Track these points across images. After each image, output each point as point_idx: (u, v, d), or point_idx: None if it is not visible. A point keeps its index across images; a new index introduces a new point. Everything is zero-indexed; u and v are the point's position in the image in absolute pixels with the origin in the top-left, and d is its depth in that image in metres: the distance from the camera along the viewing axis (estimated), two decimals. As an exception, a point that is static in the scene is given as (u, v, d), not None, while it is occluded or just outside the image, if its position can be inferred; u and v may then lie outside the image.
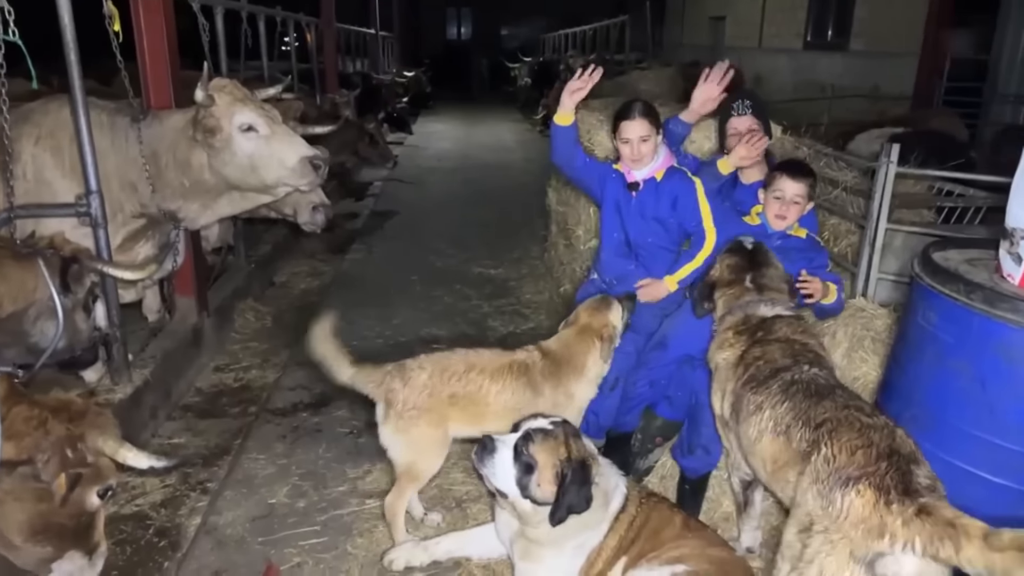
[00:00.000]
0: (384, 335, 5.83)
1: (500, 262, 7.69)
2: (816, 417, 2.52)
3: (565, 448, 2.74)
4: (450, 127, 18.99)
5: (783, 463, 2.62)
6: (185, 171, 4.39)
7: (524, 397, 3.34)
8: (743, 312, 3.11)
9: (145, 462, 2.68)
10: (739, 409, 2.90)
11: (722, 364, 3.07)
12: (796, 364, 2.78)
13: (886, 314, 3.74)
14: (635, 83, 11.88)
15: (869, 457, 2.28)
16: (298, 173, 4.24)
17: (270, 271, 7.37)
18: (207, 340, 5.52)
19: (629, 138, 3.66)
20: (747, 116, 3.78)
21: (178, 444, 4.43)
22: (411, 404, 3.28)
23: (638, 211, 3.80)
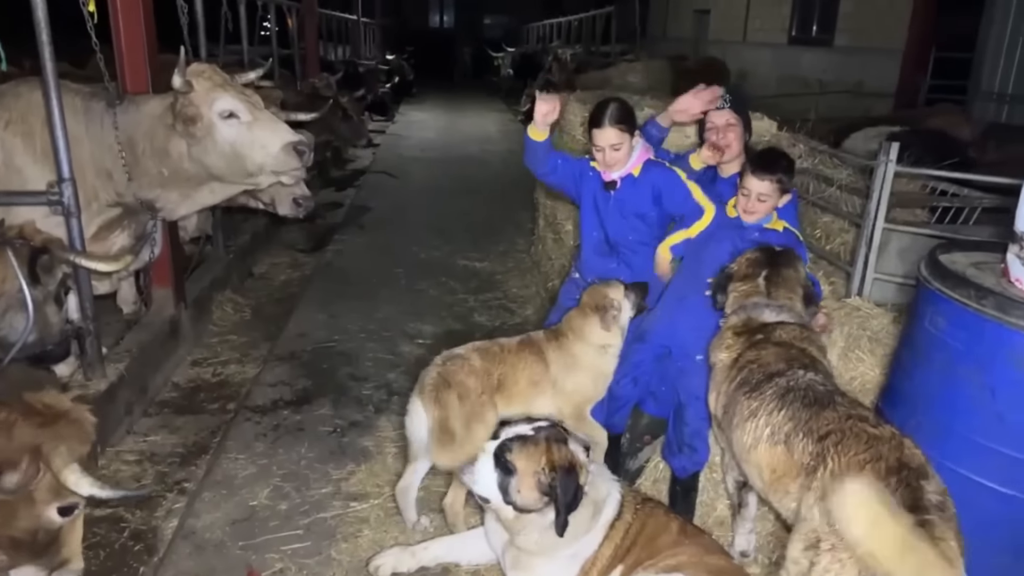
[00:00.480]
0: (367, 329, 5.70)
1: (486, 255, 7.57)
2: (819, 428, 2.45)
3: (546, 454, 2.65)
4: (433, 116, 18.78)
5: (782, 473, 2.55)
6: (163, 160, 4.22)
7: (538, 370, 3.52)
8: (746, 314, 3.04)
9: (86, 489, 2.36)
10: (732, 413, 2.82)
11: (719, 365, 3.01)
12: (791, 369, 2.70)
13: (883, 314, 3.69)
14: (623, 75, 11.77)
15: (878, 472, 2.21)
16: (282, 160, 4.09)
17: (249, 262, 7.20)
18: (184, 333, 5.36)
19: (600, 146, 3.59)
20: (725, 111, 3.70)
21: (154, 441, 4.28)
22: (479, 389, 3.31)
23: (617, 209, 3.73)
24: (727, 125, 3.70)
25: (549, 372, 3.52)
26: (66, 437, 2.40)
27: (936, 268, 2.60)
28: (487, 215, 9.16)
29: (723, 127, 3.70)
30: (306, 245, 8.07)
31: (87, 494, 2.37)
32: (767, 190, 3.37)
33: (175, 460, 4.11)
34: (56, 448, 2.35)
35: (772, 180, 3.36)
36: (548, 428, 2.78)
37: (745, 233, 3.46)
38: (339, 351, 5.34)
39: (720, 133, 3.70)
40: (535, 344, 3.59)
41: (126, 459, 4.08)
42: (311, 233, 8.43)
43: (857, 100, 12.79)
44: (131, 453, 4.15)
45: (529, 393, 3.49)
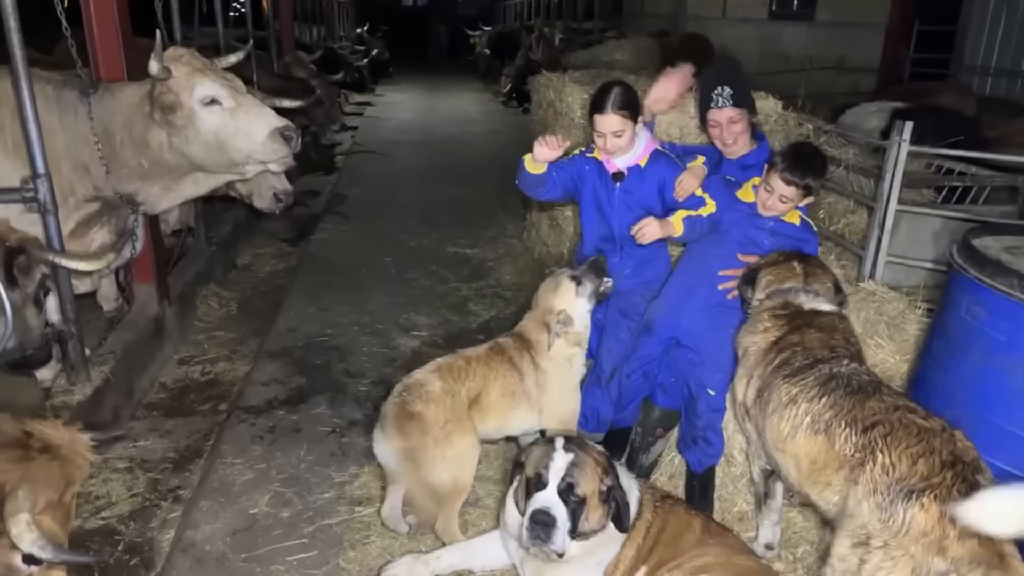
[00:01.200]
0: (360, 322, 5.52)
1: (476, 241, 7.39)
2: (865, 418, 2.35)
3: (597, 464, 2.55)
4: (410, 97, 18.44)
5: (823, 464, 2.45)
6: (143, 151, 4.00)
7: (513, 379, 3.37)
8: (783, 298, 2.94)
9: (27, 546, 1.96)
10: (767, 398, 2.71)
11: (752, 349, 2.89)
12: (836, 357, 2.60)
13: (898, 297, 3.60)
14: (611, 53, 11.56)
15: (932, 466, 2.12)
16: (269, 148, 3.90)
17: (232, 253, 6.97)
18: (170, 331, 5.15)
19: (602, 132, 3.47)
20: (726, 109, 3.54)
21: (144, 447, 4.10)
22: (443, 418, 3.12)
23: (623, 202, 3.61)
24: (730, 122, 3.55)
25: (524, 383, 3.38)
26: (36, 478, 2.08)
27: (971, 254, 2.50)
28: (474, 199, 8.97)
29: (726, 124, 3.56)
30: (290, 234, 7.84)
31: (27, 551, 1.98)
32: (791, 194, 3.29)
33: (167, 466, 3.94)
34: (16, 490, 2.00)
35: (799, 185, 3.28)
36: (570, 439, 2.65)
37: (759, 222, 3.36)
38: (332, 346, 5.16)
39: (725, 130, 3.56)
40: (505, 353, 3.43)
41: (116, 467, 3.90)
42: (295, 222, 8.19)
43: (841, 75, 12.71)
44: (121, 460, 3.97)
45: (504, 405, 3.35)
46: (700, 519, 2.85)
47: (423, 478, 3.13)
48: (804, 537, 3.19)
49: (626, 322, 3.55)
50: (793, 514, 3.18)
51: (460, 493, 3.21)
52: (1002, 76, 10.76)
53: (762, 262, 3.16)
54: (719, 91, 3.54)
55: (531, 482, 2.54)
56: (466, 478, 3.21)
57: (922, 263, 3.98)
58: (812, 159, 3.35)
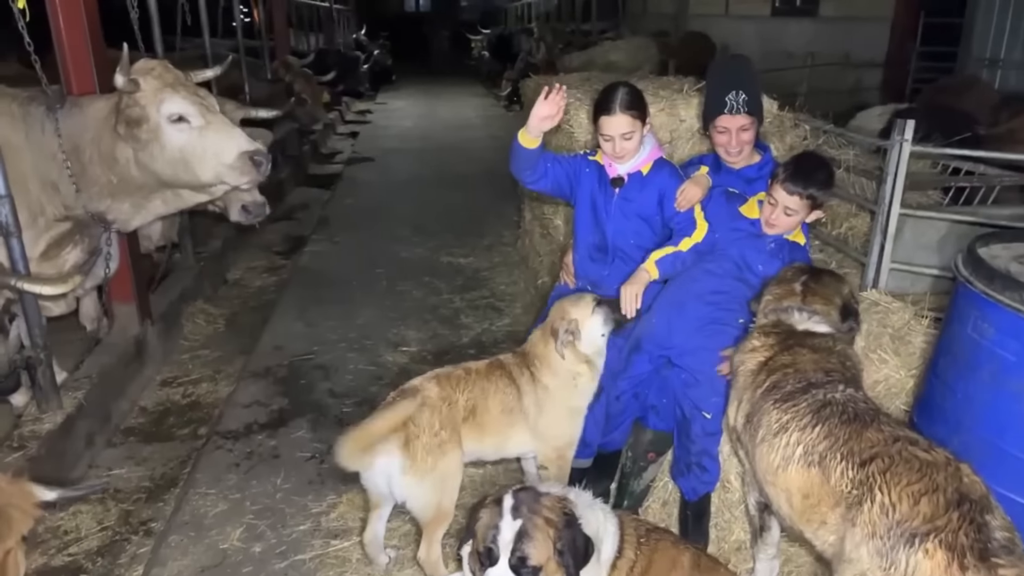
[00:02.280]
0: (348, 338, 5.35)
1: (470, 250, 7.22)
2: (861, 450, 2.14)
3: (549, 525, 2.29)
4: (411, 103, 18.32)
5: (817, 500, 2.25)
6: (111, 166, 3.86)
7: (511, 396, 3.21)
8: (776, 316, 2.75)
9: None
10: (756, 424, 2.51)
11: (741, 369, 2.69)
12: (830, 381, 2.40)
13: (903, 307, 3.37)
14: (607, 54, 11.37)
15: (936, 506, 1.91)
16: (237, 170, 3.73)
17: (222, 268, 6.83)
18: (151, 351, 5.00)
19: (610, 135, 3.23)
20: (740, 115, 3.25)
21: (119, 476, 3.94)
22: (436, 425, 2.94)
23: (620, 210, 3.37)
24: (740, 130, 3.27)
25: (522, 401, 3.19)
26: None
27: (978, 266, 2.29)
28: (470, 207, 8.80)
29: (736, 131, 3.27)
30: (283, 247, 7.70)
31: None
32: (796, 205, 3.06)
33: (141, 496, 3.78)
34: None
35: (803, 196, 3.05)
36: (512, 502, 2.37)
37: (761, 242, 3.15)
38: (317, 364, 5.00)
39: (734, 138, 3.27)
40: (505, 368, 3.26)
41: (87, 498, 3.74)
42: (288, 234, 8.06)
43: (845, 72, 12.48)
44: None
45: (502, 422, 3.16)
46: (690, 553, 2.65)
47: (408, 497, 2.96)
48: (803, 573, 2.98)
49: (613, 340, 3.33)
50: (794, 549, 2.97)
51: (443, 519, 3.03)
52: (1011, 69, 10.49)
53: (772, 279, 2.96)
54: (734, 95, 3.25)
55: (482, 556, 2.33)
56: (449, 501, 3.03)
57: (929, 269, 3.76)
58: (816, 169, 3.12)
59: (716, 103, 3.30)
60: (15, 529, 2.10)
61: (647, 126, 3.30)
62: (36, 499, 2.20)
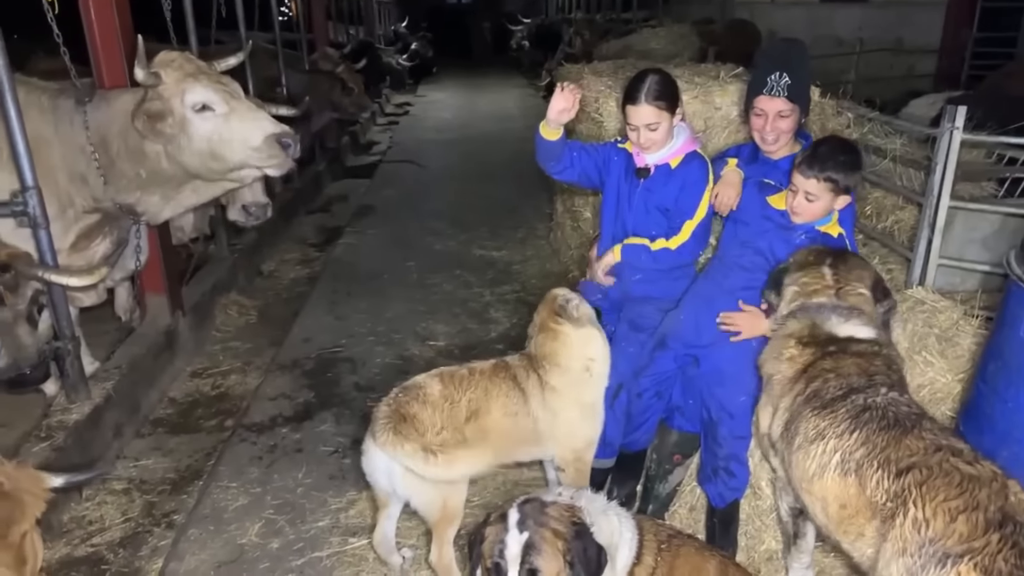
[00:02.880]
0: (376, 331, 5.31)
1: (503, 243, 7.13)
2: (899, 459, 1.99)
3: (557, 537, 2.19)
4: (451, 95, 18.29)
5: (854, 510, 2.10)
6: (140, 161, 3.85)
7: (516, 400, 3.07)
8: (810, 318, 2.55)
9: None
10: (794, 431, 2.36)
11: (777, 377, 2.53)
12: (872, 385, 2.24)
13: (951, 306, 3.17)
14: (646, 42, 11.12)
15: (974, 526, 1.76)
16: (265, 154, 3.68)
17: (257, 260, 6.85)
18: (182, 343, 5.03)
19: (635, 125, 3.12)
20: (779, 99, 3.06)
21: (145, 467, 3.96)
22: (439, 423, 2.86)
23: (642, 200, 3.26)
24: (778, 115, 3.08)
25: (528, 405, 3.05)
26: None
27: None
28: (505, 198, 8.70)
29: (773, 116, 3.08)
30: (317, 239, 7.72)
31: None
32: (815, 190, 2.87)
33: (166, 488, 3.79)
34: None
35: (820, 179, 2.85)
36: (518, 516, 2.27)
37: (790, 235, 2.97)
38: (345, 357, 4.97)
39: (769, 124, 3.09)
40: (510, 370, 3.12)
41: (113, 488, 3.77)
42: (323, 226, 8.08)
43: (897, 58, 12.01)
44: (119, 481, 3.84)
45: (505, 426, 3.02)
46: (716, 561, 2.51)
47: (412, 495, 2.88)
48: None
49: (636, 335, 3.22)
50: (828, 560, 2.81)
51: (452, 519, 2.92)
52: (1076, 54, 9.97)
53: (790, 262, 2.77)
54: (775, 77, 3.07)
55: (490, 572, 2.23)
56: (455, 501, 2.91)
57: (980, 266, 3.53)
58: (835, 151, 2.90)
59: (757, 83, 3.14)
60: (28, 513, 2.11)
61: (678, 116, 3.16)
62: (44, 484, 2.21)
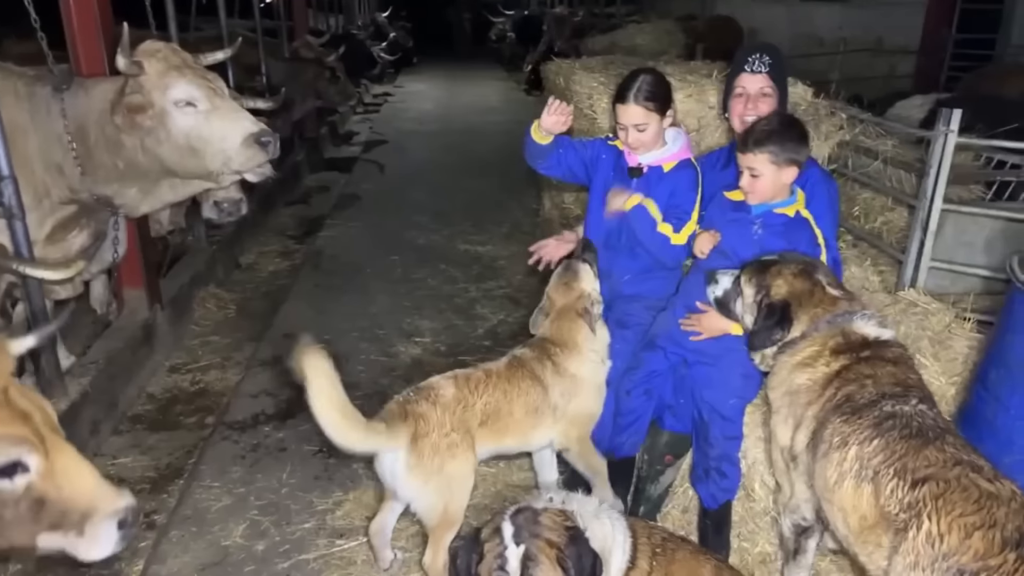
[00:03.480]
0: (360, 327, 5.23)
1: (488, 237, 7.07)
2: (916, 469, 1.95)
3: (551, 546, 2.14)
4: (431, 86, 18.13)
5: (873, 521, 2.06)
6: (117, 151, 3.73)
7: (537, 393, 3.06)
8: (839, 326, 2.47)
9: None
10: (819, 438, 2.30)
11: (804, 386, 2.44)
12: (905, 395, 2.19)
13: (943, 309, 3.19)
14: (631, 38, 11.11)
15: (991, 544, 1.72)
16: (244, 155, 3.58)
17: (236, 252, 6.72)
18: (160, 337, 4.91)
19: (624, 124, 3.10)
20: (761, 75, 3.06)
21: (124, 465, 3.86)
22: (447, 426, 2.81)
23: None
24: (760, 94, 3.07)
25: (549, 397, 3.04)
26: None
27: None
28: (489, 192, 8.62)
29: (755, 95, 3.06)
30: (297, 231, 7.59)
31: None
32: (754, 163, 2.79)
33: (145, 487, 3.68)
34: None
35: (756, 152, 2.77)
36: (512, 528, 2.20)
37: (748, 228, 2.91)
38: (328, 353, 4.86)
39: (750, 103, 3.07)
40: (526, 365, 3.09)
41: (90, 488, 3.65)
42: (303, 218, 7.95)
43: (878, 58, 12.10)
44: (97, 479, 3.72)
45: (527, 424, 3.02)
46: (711, 565, 2.48)
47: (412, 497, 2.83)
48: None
49: (622, 332, 3.21)
50: (825, 563, 2.80)
51: (451, 524, 2.89)
52: (1052, 57, 10.12)
53: (786, 294, 2.61)
54: (756, 56, 3.09)
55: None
56: (457, 506, 2.88)
57: (971, 269, 3.55)
58: (770, 123, 2.84)
59: (737, 66, 3.14)
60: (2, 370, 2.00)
61: (668, 119, 3.14)
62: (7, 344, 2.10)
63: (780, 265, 2.63)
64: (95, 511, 2.01)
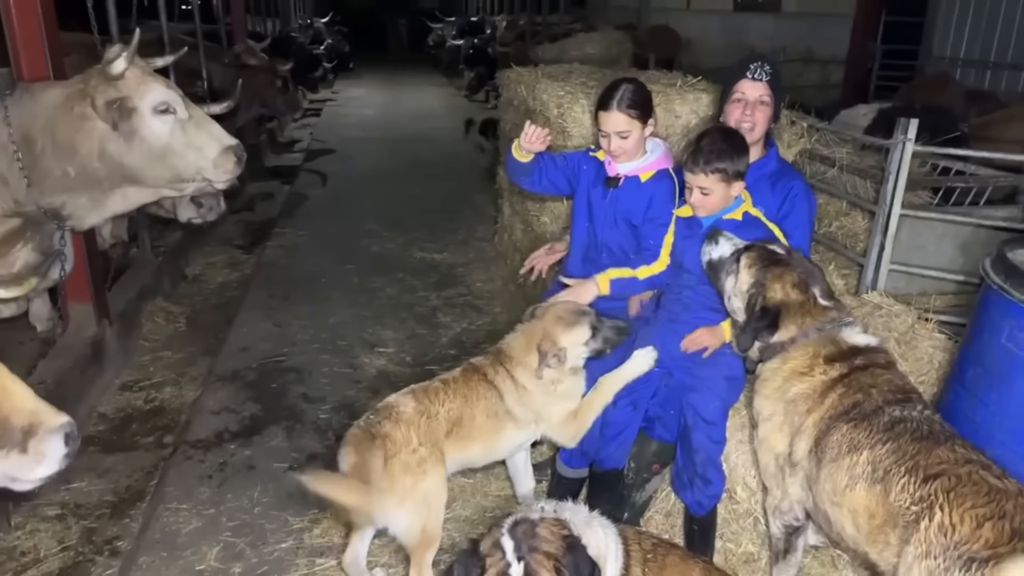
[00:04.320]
0: (320, 339, 5.11)
1: (444, 245, 7.01)
2: (928, 467, 2.03)
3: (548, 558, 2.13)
4: (371, 92, 17.93)
5: (882, 520, 2.12)
6: (69, 158, 3.56)
7: (493, 399, 3.04)
8: (829, 335, 2.54)
9: None
10: (825, 445, 2.35)
11: (803, 394, 2.48)
12: (911, 402, 2.27)
13: (906, 310, 3.33)
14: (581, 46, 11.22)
15: (1000, 533, 1.81)
16: (220, 166, 3.52)
17: (181, 263, 6.49)
18: (110, 354, 4.70)
19: (606, 132, 3.14)
20: (762, 83, 3.11)
21: (79, 490, 3.67)
22: (415, 441, 2.76)
23: (611, 210, 3.27)
24: (759, 101, 3.11)
25: (504, 402, 3.02)
26: None
27: (1012, 273, 2.21)
28: (441, 199, 8.57)
29: (754, 102, 3.11)
30: (244, 240, 7.38)
31: None
32: (706, 183, 2.90)
33: (105, 512, 3.52)
34: None
35: (708, 172, 2.88)
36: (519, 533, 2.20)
37: (702, 232, 3.00)
38: (289, 366, 4.76)
39: (748, 109, 3.11)
40: (480, 370, 3.09)
41: (46, 515, 3.47)
42: (248, 227, 7.74)
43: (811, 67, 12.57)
44: (51, 506, 3.54)
45: (489, 427, 3.00)
46: (699, 568, 2.51)
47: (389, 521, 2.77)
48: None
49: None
50: (808, 559, 2.87)
51: (430, 542, 2.84)
52: (971, 67, 10.68)
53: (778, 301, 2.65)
54: (757, 64, 3.13)
55: None
56: (435, 523, 2.85)
57: (927, 271, 3.72)
58: (717, 142, 2.94)
59: (738, 71, 3.17)
60: None
61: (649, 127, 3.18)
62: None
63: (783, 269, 2.66)
64: (39, 426, 1.99)
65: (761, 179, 3.21)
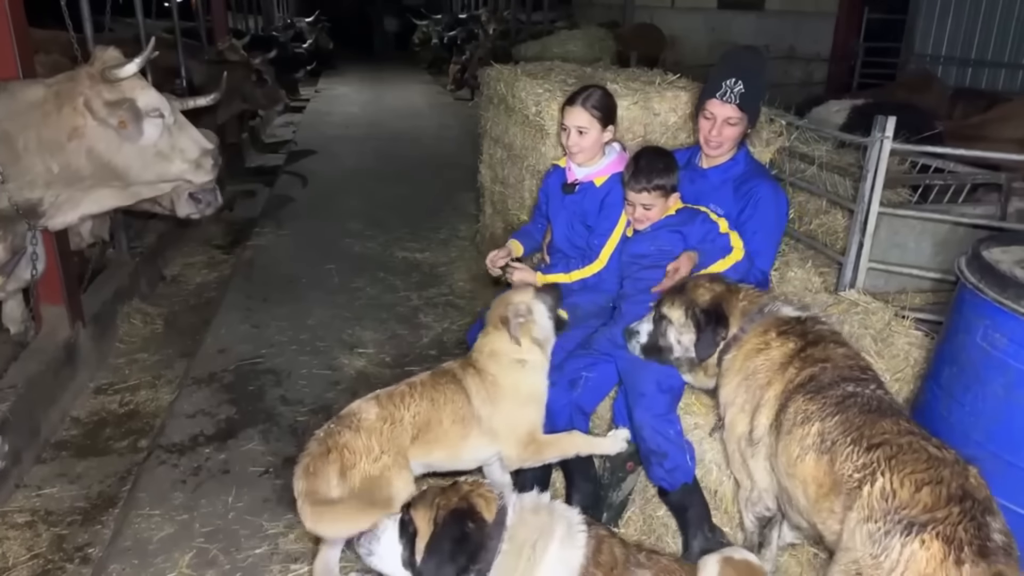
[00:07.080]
0: (299, 340, 5.05)
1: (426, 244, 6.96)
2: (872, 436, 2.09)
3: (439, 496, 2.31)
4: (355, 90, 17.81)
5: (828, 488, 2.16)
6: (54, 155, 3.55)
7: (461, 401, 3.01)
8: (772, 313, 2.65)
9: None
10: (783, 419, 2.37)
11: (761, 366, 2.52)
12: (864, 380, 2.33)
13: (883, 308, 3.32)
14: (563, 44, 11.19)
15: (938, 497, 1.87)
16: (200, 168, 3.69)
17: (159, 264, 6.41)
18: (84, 356, 4.62)
19: (567, 126, 3.38)
20: (729, 105, 3.13)
21: (50, 495, 3.60)
22: (376, 449, 2.71)
23: (569, 213, 3.50)
24: (726, 122, 3.17)
25: (472, 405, 2.98)
26: None
27: (986, 271, 2.20)
28: (423, 198, 8.50)
29: (721, 122, 3.17)
30: (224, 240, 7.30)
31: None
32: (648, 200, 3.13)
33: (76, 518, 3.45)
34: None
35: (650, 189, 3.11)
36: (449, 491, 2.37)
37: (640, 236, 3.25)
38: (267, 368, 4.69)
39: (715, 129, 3.18)
40: (449, 372, 3.08)
41: (15, 521, 3.40)
42: (229, 227, 7.65)
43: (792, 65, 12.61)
44: (21, 513, 3.47)
45: (455, 433, 2.94)
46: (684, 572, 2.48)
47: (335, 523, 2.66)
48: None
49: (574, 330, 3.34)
50: (784, 558, 2.86)
51: None
52: (953, 64, 10.75)
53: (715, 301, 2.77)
54: (730, 83, 3.14)
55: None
56: None
57: (906, 269, 3.72)
58: (654, 160, 3.16)
59: (712, 86, 3.21)
60: None
61: (608, 133, 3.36)
62: None
63: (692, 281, 2.90)
64: None
65: (726, 182, 3.30)
